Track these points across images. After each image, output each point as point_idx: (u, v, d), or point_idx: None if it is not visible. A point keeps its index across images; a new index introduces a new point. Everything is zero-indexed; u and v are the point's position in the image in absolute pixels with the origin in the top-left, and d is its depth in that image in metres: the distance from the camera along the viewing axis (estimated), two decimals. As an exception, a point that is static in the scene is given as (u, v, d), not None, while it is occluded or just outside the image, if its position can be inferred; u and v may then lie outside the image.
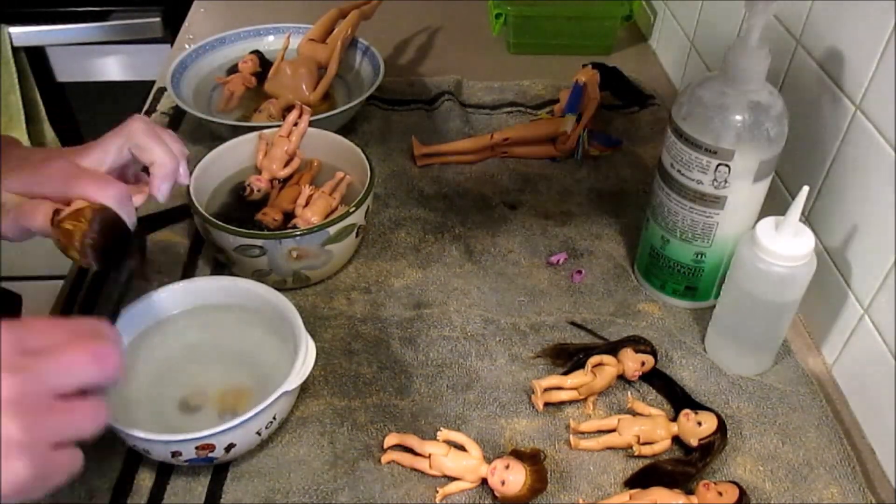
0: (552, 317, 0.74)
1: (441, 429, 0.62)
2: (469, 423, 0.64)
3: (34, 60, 1.47)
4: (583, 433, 0.63)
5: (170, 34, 1.44)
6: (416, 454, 0.61)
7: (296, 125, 0.81)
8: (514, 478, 0.57)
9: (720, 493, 0.56)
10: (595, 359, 0.66)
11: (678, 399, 0.66)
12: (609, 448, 0.62)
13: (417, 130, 0.96)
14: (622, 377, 0.67)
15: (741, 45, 0.61)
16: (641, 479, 0.60)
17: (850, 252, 0.67)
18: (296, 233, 0.69)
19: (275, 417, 0.59)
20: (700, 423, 0.61)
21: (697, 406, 0.64)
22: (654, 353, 0.67)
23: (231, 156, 0.79)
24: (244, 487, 0.59)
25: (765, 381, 0.68)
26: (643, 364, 0.66)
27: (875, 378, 0.64)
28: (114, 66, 1.54)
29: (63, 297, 0.74)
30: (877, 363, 0.63)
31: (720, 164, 0.63)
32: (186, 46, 1.04)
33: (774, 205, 0.71)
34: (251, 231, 0.69)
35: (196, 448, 0.55)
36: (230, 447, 0.56)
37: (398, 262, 0.79)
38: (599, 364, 0.66)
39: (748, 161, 0.63)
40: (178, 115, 0.97)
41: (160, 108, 0.99)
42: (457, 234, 0.82)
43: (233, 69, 0.99)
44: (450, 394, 0.66)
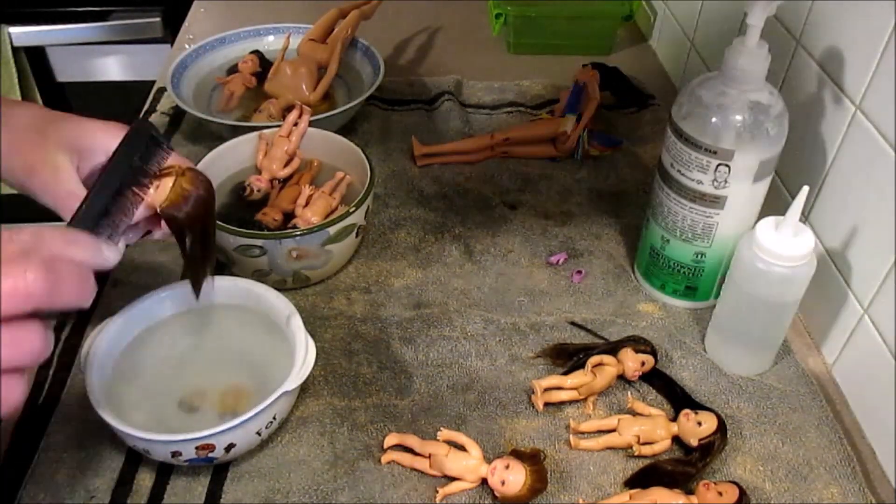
0: (552, 317, 0.74)
1: (441, 429, 0.62)
2: (469, 423, 0.64)
3: (34, 60, 1.47)
4: (583, 433, 0.63)
5: (170, 34, 1.44)
6: (416, 454, 0.61)
7: (296, 125, 0.81)
8: (514, 478, 0.57)
9: (720, 493, 0.56)
10: (595, 359, 0.66)
11: (678, 399, 0.66)
12: (609, 448, 0.62)
13: (417, 130, 0.96)
14: (622, 377, 0.67)
15: (741, 45, 0.61)
16: (641, 479, 0.60)
17: (850, 252, 0.67)
18: (296, 233, 0.69)
19: (275, 417, 0.59)
20: (700, 423, 0.61)
21: (697, 406, 0.64)
22: (654, 353, 0.67)
23: (231, 156, 0.79)
24: (244, 487, 0.59)
25: (765, 381, 0.68)
26: (643, 364, 0.66)
27: (875, 378, 0.64)
28: (114, 66, 1.54)
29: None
30: (877, 363, 0.63)
31: (720, 164, 0.63)
32: (186, 46, 1.04)
33: (774, 205, 0.71)
34: (251, 231, 0.69)
35: (196, 448, 0.55)
36: (230, 447, 0.56)
37: (398, 262, 0.79)
38: (599, 364, 0.66)
39: (748, 161, 0.63)
40: (178, 115, 0.98)
41: (160, 108, 0.99)
42: (457, 234, 0.82)
43: (233, 69, 0.99)
44: (450, 394, 0.66)
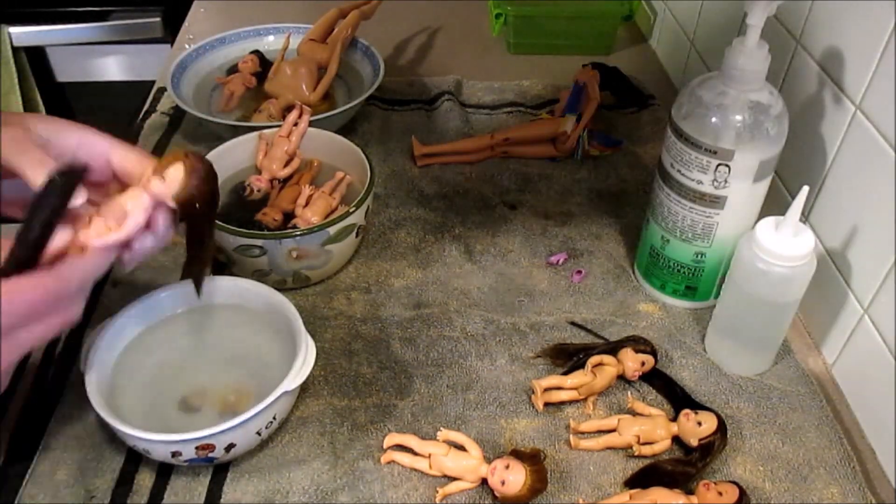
0: (552, 317, 0.74)
1: (441, 429, 0.62)
2: (469, 423, 0.64)
3: (34, 60, 1.47)
4: (583, 433, 0.63)
5: (170, 34, 1.44)
6: (416, 454, 0.61)
7: (296, 125, 0.81)
8: (514, 478, 0.57)
9: (720, 493, 0.56)
10: (595, 359, 0.66)
11: (678, 399, 0.66)
12: (609, 448, 0.62)
13: (417, 130, 0.96)
14: (622, 377, 0.67)
15: (741, 45, 0.61)
16: (641, 479, 0.60)
17: (850, 252, 0.67)
18: (296, 233, 0.69)
19: (275, 417, 0.59)
20: (700, 423, 0.61)
21: (697, 406, 0.64)
22: (654, 353, 0.67)
23: (231, 156, 0.79)
24: (244, 487, 0.59)
25: (765, 381, 0.68)
26: (643, 364, 0.66)
27: (875, 378, 0.64)
28: (114, 66, 1.54)
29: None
30: (877, 363, 0.63)
31: (720, 164, 0.63)
32: (186, 46, 1.04)
33: (774, 205, 0.71)
34: (251, 231, 0.69)
35: (196, 448, 0.55)
36: (230, 447, 0.56)
37: (398, 262, 0.79)
38: (599, 364, 0.66)
39: (748, 161, 0.63)
40: (178, 115, 0.98)
41: (160, 108, 0.99)
42: (457, 234, 0.82)
43: (233, 69, 0.99)
44: (450, 394, 0.66)
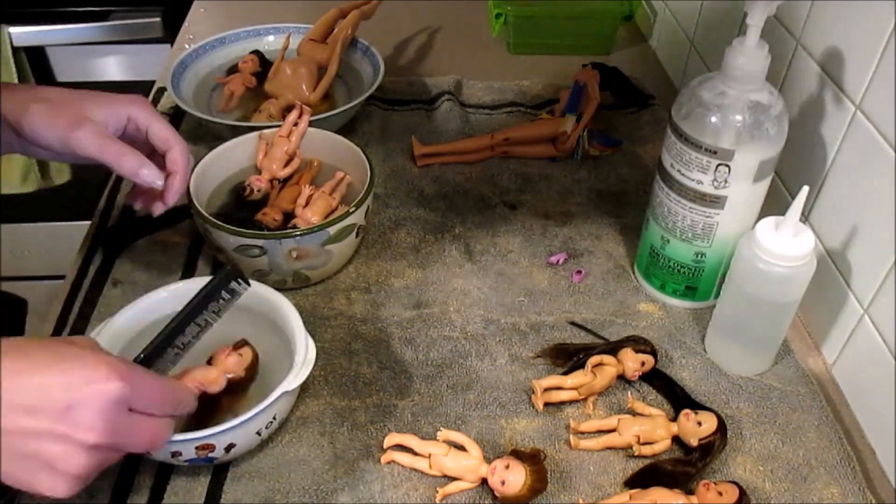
0: (552, 317, 0.74)
1: (441, 429, 0.62)
2: (469, 423, 0.64)
3: (34, 60, 1.47)
4: (583, 433, 0.63)
5: (170, 34, 1.43)
6: (416, 454, 0.61)
7: (296, 125, 0.81)
8: (514, 478, 0.57)
9: (720, 493, 0.56)
10: (595, 359, 0.66)
11: (678, 399, 0.66)
12: (609, 448, 0.62)
13: (417, 130, 0.96)
14: (622, 377, 0.67)
15: (741, 45, 0.61)
16: (641, 479, 0.60)
17: (850, 252, 0.67)
18: (296, 233, 0.69)
19: (275, 417, 0.59)
20: (700, 423, 0.61)
21: (697, 406, 0.64)
22: (654, 353, 0.67)
23: (231, 156, 0.79)
24: (244, 487, 0.59)
25: (765, 381, 0.68)
26: (643, 364, 0.66)
27: (875, 378, 0.64)
28: (114, 66, 1.54)
29: (64, 297, 0.74)
30: (877, 363, 0.63)
31: (720, 164, 0.63)
32: (186, 46, 1.04)
33: (774, 205, 0.71)
34: (251, 231, 0.69)
35: (196, 448, 0.55)
36: (230, 447, 0.56)
37: (398, 262, 0.79)
38: (599, 364, 0.66)
39: (748, 161, 0.63)
40: (178, 115, 0.98)
41: (160, 108, 0.99)
42: (457, 234, 0.82)
43: (233, 69, 0.99)
44: (450, 394, 0.66)
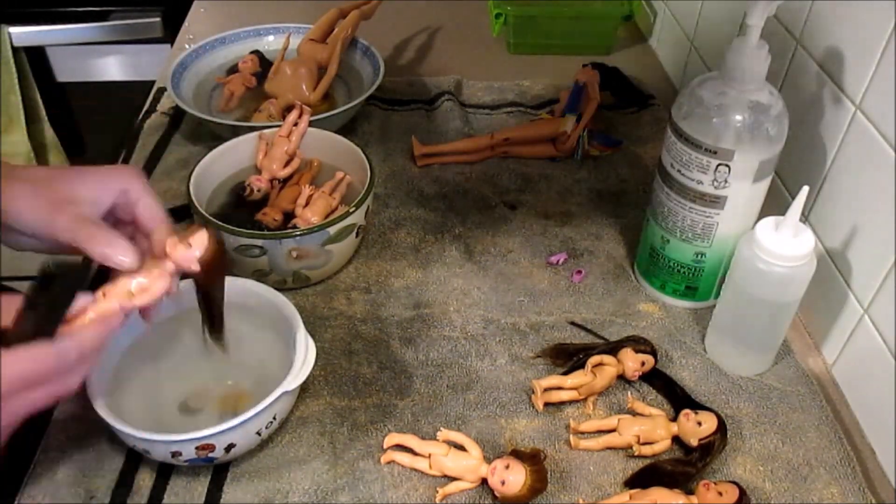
0: (552, 317, 0.74)
1: (441, 429, 0.62)
2: (469, 423, 0.64)
3: (34, 60, 1.47)
4: (583, 433, 0.63)
5: (170, 34, 1.43)
6: (416, 454, 0.61)
7: (296, 125, 0.81)
8: (514, 478, 0.57)
9: (720, 493, 0.56)
10: (595, 359, 0.66)
11: (678, 399, 0.66)
12: (609, 448, 0.62)
13: (417, 130, 0.96)
14: (622, 377, 0.67)
15: (741, 45, 0.61)
16: (641, 479, 0.60)
17: (850, 252, 0.67)
18: (296, 233, 0.69)
19: (275, 417, 0.58)
20: (700, 423, 0.61)
21: (697, 406, 0.64)
22: (654, 353, 0.67)
23: (231, 156, 0.79)
24: (244, 487, 0.59)
25: (765, 381, 0.68)
26: (643, 364, 0.66)
27: (875, 378, 0.64)
28: (114, 66, 1.54)
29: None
30: (877, 363, 0.63)
31: (720, 164, 0.63)
32: (186, 46, 1.04)
33: (774, 205, 0.71)
34: (251, 231, 0.69)
35: (196, 448, 0.55)
36: (230, 447, 0.56)
37: (398, 262, 0.79)
38: (599, 364, 0.66)
39: (748, 161, 0.63)
40: (178, 115, 0.98)
41: (160, 108, 0.99)
42: (457, 234, 0.82)
43: (233, 69, 0.99)
44: (450, 394, 0.66)
